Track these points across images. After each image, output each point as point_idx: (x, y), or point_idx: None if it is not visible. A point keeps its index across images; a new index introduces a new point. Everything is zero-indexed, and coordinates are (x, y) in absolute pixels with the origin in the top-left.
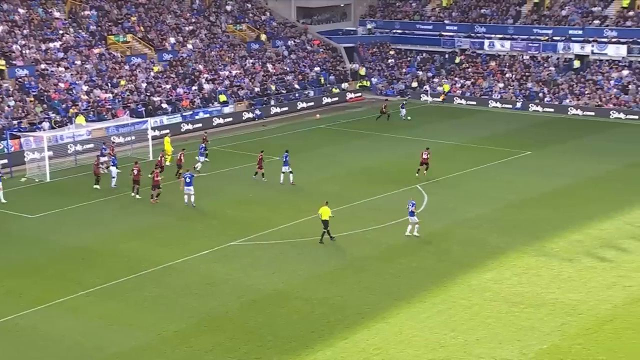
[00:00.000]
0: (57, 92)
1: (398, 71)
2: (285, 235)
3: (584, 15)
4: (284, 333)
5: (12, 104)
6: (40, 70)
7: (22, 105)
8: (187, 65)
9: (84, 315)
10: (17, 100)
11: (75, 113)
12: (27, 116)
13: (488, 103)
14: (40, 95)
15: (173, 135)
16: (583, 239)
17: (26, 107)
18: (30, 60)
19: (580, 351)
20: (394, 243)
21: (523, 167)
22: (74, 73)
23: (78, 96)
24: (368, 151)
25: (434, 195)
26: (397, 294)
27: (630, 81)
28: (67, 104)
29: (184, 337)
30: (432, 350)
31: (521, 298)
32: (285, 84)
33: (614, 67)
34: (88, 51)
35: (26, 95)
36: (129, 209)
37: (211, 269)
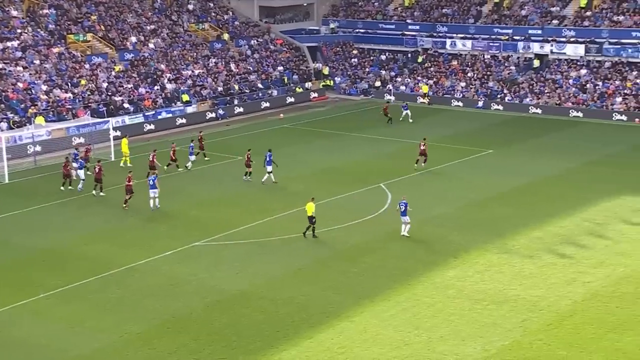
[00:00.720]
0: (15, 92)
1: (361, 70)
2: (249, 236)
3: (542, 15)
4: (248, 333)
5: None
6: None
7: None
8: (149, 65)
9: (46, 318)
10: None
11: (34, 113)
12: None
13: (450, 102)
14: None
15: (136, 136)
16: (543, 236)
17: None
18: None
19: (541, 346)
20: (357, 242)
21: (485, 165)
22: (32, 72)
23: (37, 96)
24: (331, 151)
25: (397, 194)
26: (361, 292)
27: (588, 80)
28: (25, 104)
29: (147, 339)
30: (396, 348)
31: (484, 295)
32: (249, 83)
33: (573, 66)
34: (47, 50)
35: None
36: (90, 210)
37: (175, 270)
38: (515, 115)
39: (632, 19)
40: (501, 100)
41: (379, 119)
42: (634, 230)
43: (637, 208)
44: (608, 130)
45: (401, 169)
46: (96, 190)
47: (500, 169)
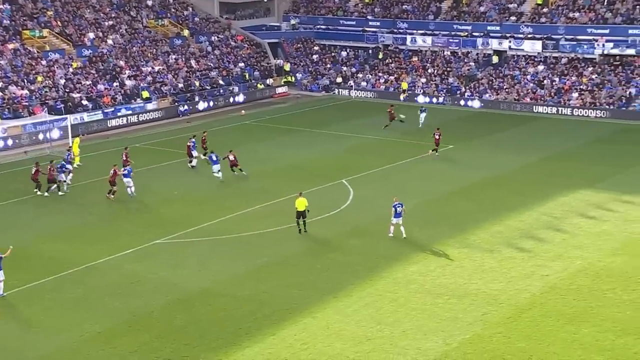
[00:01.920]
0: None
1: (322, 67)
2: (211, 233)
3: (501, 12)
4: (210, 331)
5: None
6: None
7: None
8: (108, 61)
9: (3, 319)
10: None
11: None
12: None
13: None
14: None
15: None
16: (503, 230)
17: None
18: None
19: (501, 339)
20: (320, 238)
21: (446, 160)
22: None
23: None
24: (293, 147)
25: (359, 190)
26: (324, 288)
27: (546, 76)
28: None
29: (107, 338)
30: (359, 343)
31: (445, 289)
32: (210, 80)
33: (530, 62)
34: (2, 46)
35: None
36: (47, 209)
37: (135, 268)
38: (475, 111)
39: (587, 16)
40: (461, 96)
41: (340, 115)
42: (590, 223)
43: (594, 202)
44: (566, 126)
45: (363, 164)
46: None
47: (461, 164)
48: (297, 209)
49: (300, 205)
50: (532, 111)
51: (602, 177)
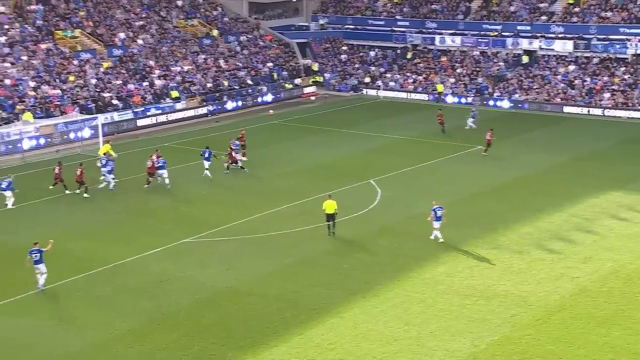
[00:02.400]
0: (3, 88)
1: (351, 66)
2: (238, 232)
3: (531, 11)
4: (238, 330)
5: None
6: None
7: None
8: (138, 61)
9: (36, 316)
10: None
11: (22, 110)
12: None
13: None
14: None
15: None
16: (532, 231)
17: None
18: None
19: (530, 341)
20: (347, 238)
21: (474, 161)
22: (20, 69)
23: (25, 92)
24: (321, 147)
25: (387, 190)
26: (352, 288)
27: (577, 76)
28: (13, 101)
29: (136, 336)
30: (386, 344)
31: (473, 290)
32: (238, 79)
33: (561, 62)
34: (35, 46)
35: None
36: (78, 207)
37: (163, 266)
38: (504, 111)
39: (619, 15)
40: (490, 96)
41: (368, 115)
42: (621, 225)
43: (625, 203)
44: (596, 126)
45: (390, 164)
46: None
47: (490, 164)
48: (326, 211)
49: (329, 208)
50: (562, 112)
51: (633, 178)
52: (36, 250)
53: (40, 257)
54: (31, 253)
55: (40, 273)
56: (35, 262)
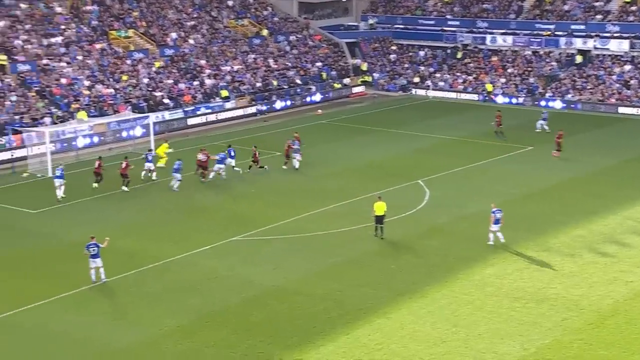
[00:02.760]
0: (58, 87)
1: (400, 66)
2: (286, 231)
3: (586, 10)
4: (285, 328)
5: (14, 99)
6: (42, 66)
7: (24, 100)
8: (189, 61)
9: (88, 311)
10: (19, 95)
11: (77, 108)
12: (29, 111)
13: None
14: (42, 90)
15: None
16: (585, 234)
17: (28, 102)
18: (32, 55)
19: (582, 346)
20: (395, 239)
21: (525, 162)
22: (75, 68)
23: (80, 91)
24: (370, 147)
25: (436, 190)
26: (399, 289)
27: (633, 76)
28: (68, 99)
29: (186, 332)
30: (433, 345)
31: (523, 293)
32: (288, 79)
33: (616, 62)
34: (90, 46)
35: (28, 91)
36: (129, 204)
37: (212, 264)
38: (555, 112)
39: None
40: (542, 97)
41: (417, 115)
42: None
43: None
44: None
45: (439, 165)
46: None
47: (541, 165)
48: (375, 213)
49: (378, 210)
50: (617, 112)
51: None
52: (93, 244)
53: (97, 251)
54: (88, 247)
55: (97, 267)
56: (92, 255)
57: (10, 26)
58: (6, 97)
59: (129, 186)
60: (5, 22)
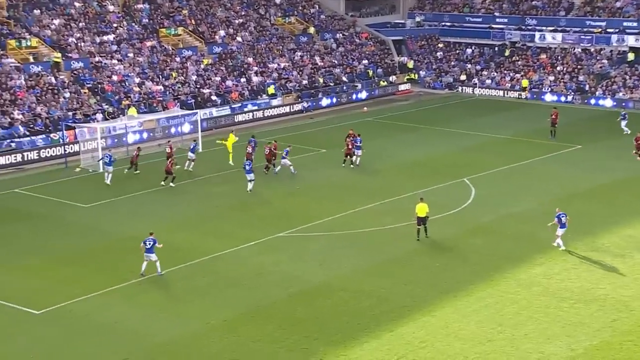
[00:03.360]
0: (110, 84)
1: (446, 64)
2: (331, 228)
3: (638, 7)
4: (330, 324)
5: (68, 96)
6: (94, 63)
7: (77, 96)
8: (237, 58)
9: (137, 303)
10: (72, 92)
11: (127, 105)
12: (82, 107)
13: (540, 96)
14: (94, 87)
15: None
16: (635, 234)
17: (81, 98)
18: (85, 53)
19: (632, 348)
20: (439, 236)
21: (573, 161)
22: (126, 65)
23: (130, 88)
24: (415, 144)
25: (481, 189)
26: (443, 287)
27: None
28: (119, 96)
29: (231, 327)
30: (479, 344)
31: (570, 293)
32: (334, 76)
33: None
34: (140, 44)
35: (81, 87)
36: (178, 200)
37: (258, 260)
38: (606, 110)
39: None
40: (592, 95)
41: (463, 113)
42: None
43: None
44: None
45: (485, 163)
46: (166, 181)
47: (589, 164)
48: (417, 214)
49: (420, 211)
50: None
51: None
52: (151, 239)
53: (152, 246)
54: (145, 242)
55: (151, 261)
56: (147, 250)
57: (65, 24)
58: (60, 93)
59: (175, 182)
60: (60, 21)
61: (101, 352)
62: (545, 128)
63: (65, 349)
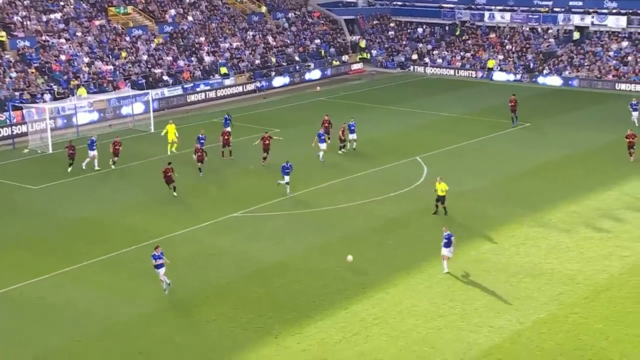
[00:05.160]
0: (58, 63)
1: (398, 43)
2: (285, 207)
3: None
4: (284, 303)
5: (14, 76)
6: (41, 42)
7: (24, 76)
8: (188, 38)
9: (88, 285)
10: (18, 71)
11: (76, 85)
12: (29, 87)
13: (490, 75)
14: (41, 67)
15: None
16: (581, 209)
17: (28, 78)
18: (32, 31)
19: (577, 320)
20: (393, 215)
21: (521, 139)
22: (75, 45)
23: (79, 68)
24: (368, 123)
25: (433, 167)
26: (397, 265)
27: (630, 52)
28: (68, 76)
29: (186, 307)
30: (431, 319)
31: (519, 268)
32: (286, 56)
33: (614, 38)
34: (89, 23)
35: (28, 67)
36: (130, 182)
37: (213, 240)
38: (553, 88)
39: None
40: (539, 74)
41: (415, 91)
42: None
43: None
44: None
45: (437, 142)
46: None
47: (537, 142)
48: (436, 192)
49: (440, 190)
50: (615, 89)
51: None
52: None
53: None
54: (154, 257)
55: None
56: (155, 266)
57: (10, 2)
58: (6, 73)
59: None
60: None
61: (54, 332)
62: (494, 106)
63: (18, 330)
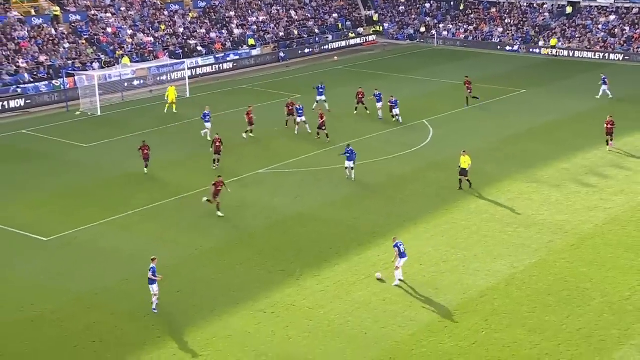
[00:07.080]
0: (105, 35)
1: (408, 17)
2: (307, 165)
3: None
4: (305, 249)
5: (67, 46)
6: (90, 16)
7: (76, 47)
8: (219, 12)
9: (134, 232)
10: (71, 42)
11: (121, 54)
12: (80, 57)
13: (490, 46)
14: (91, 38)
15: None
16: (570, 167)
17: (79, 49)
18: (82, 6)
19: (564, 264)
20: (401, 172)
21: (518, 104)
22: (119, 19)
23: (124, 39)
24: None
25: (438, 129)
26: (405, 216)
27: (617, 25)
28: (114, 46)
29: (218, 253)
30: (435, 264)
31: (514, 219)
32: (307, 29)
33: (602, 12)
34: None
35: (79, 39)
36: (170, 140)
37: (241, 193)
38: (547, 59)
39: None
40: (535, 45)
41: (423, 61)
42: None
43: None
44: (635, 72)
45: (443, 106)
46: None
47: (532, 107)
48: (460, 166)
49: (463, 163)
50: (603, 59)
51: None
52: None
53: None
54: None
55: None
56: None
57: None
58: (60, 44)
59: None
60: None
61: (105, 273)
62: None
63: (73, 270)
